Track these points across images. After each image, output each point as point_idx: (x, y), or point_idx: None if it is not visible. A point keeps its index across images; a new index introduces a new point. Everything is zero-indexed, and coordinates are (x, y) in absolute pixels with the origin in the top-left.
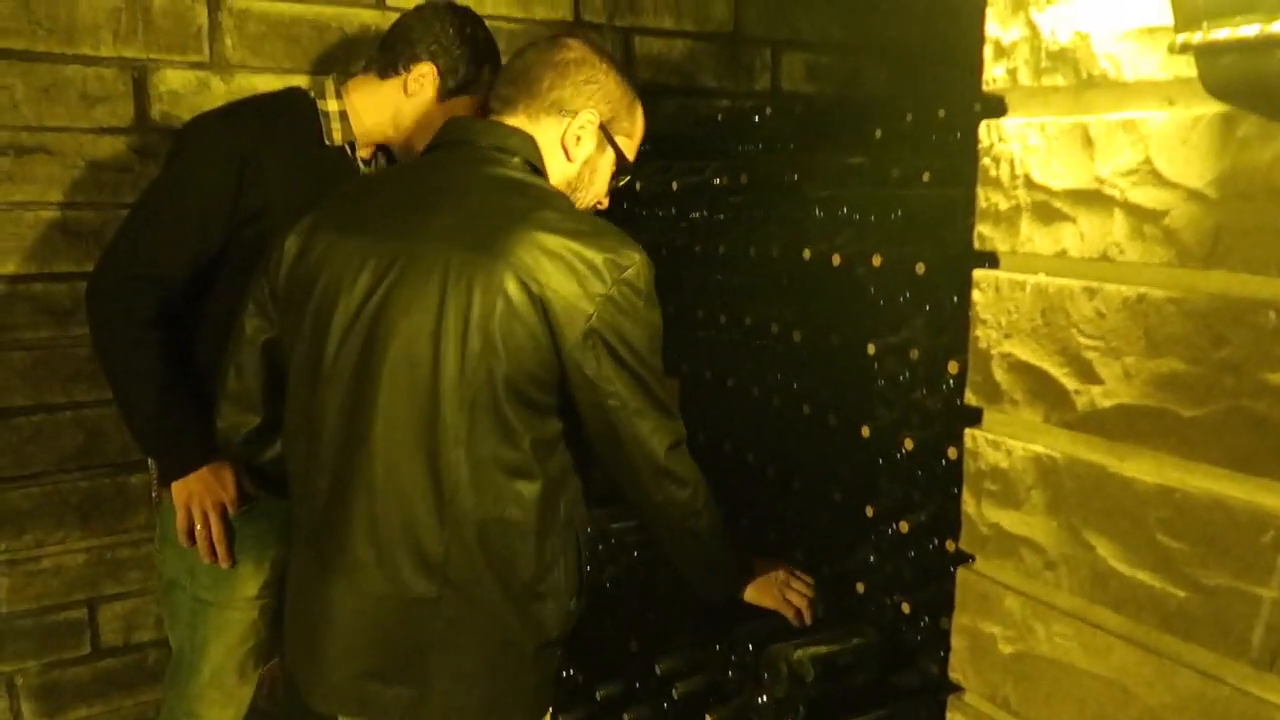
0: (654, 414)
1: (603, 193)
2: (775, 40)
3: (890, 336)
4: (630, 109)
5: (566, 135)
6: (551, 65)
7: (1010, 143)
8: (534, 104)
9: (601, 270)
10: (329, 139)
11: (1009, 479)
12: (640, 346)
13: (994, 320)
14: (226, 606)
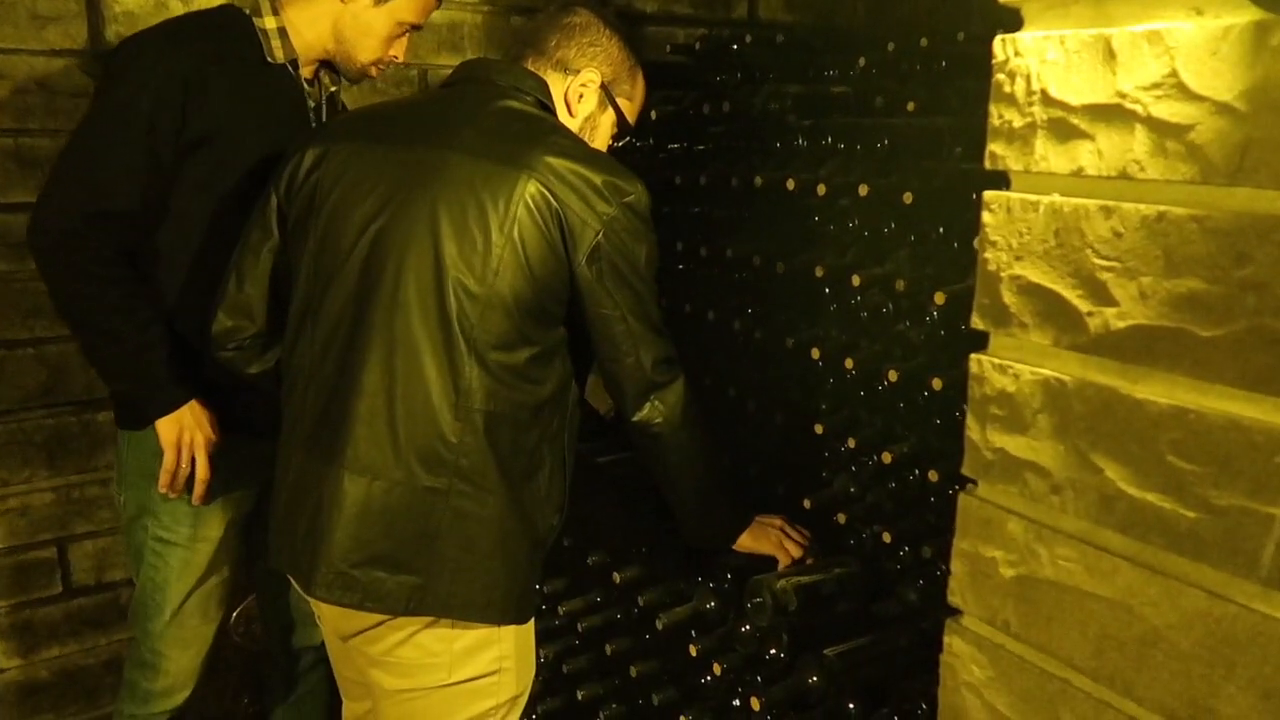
0: (648, 332)
1: (602, 149)
2: None
3: (875, 268)
4: (631, 74)
5: (569, 91)
6: (559, 28)
7: (1026, 57)
8: (541, 59)
9: (605, 192)
10: (270, 57)
11: (1015, 403)
12: (640, 265)
13: (1004, 242)
14: (188, 546)
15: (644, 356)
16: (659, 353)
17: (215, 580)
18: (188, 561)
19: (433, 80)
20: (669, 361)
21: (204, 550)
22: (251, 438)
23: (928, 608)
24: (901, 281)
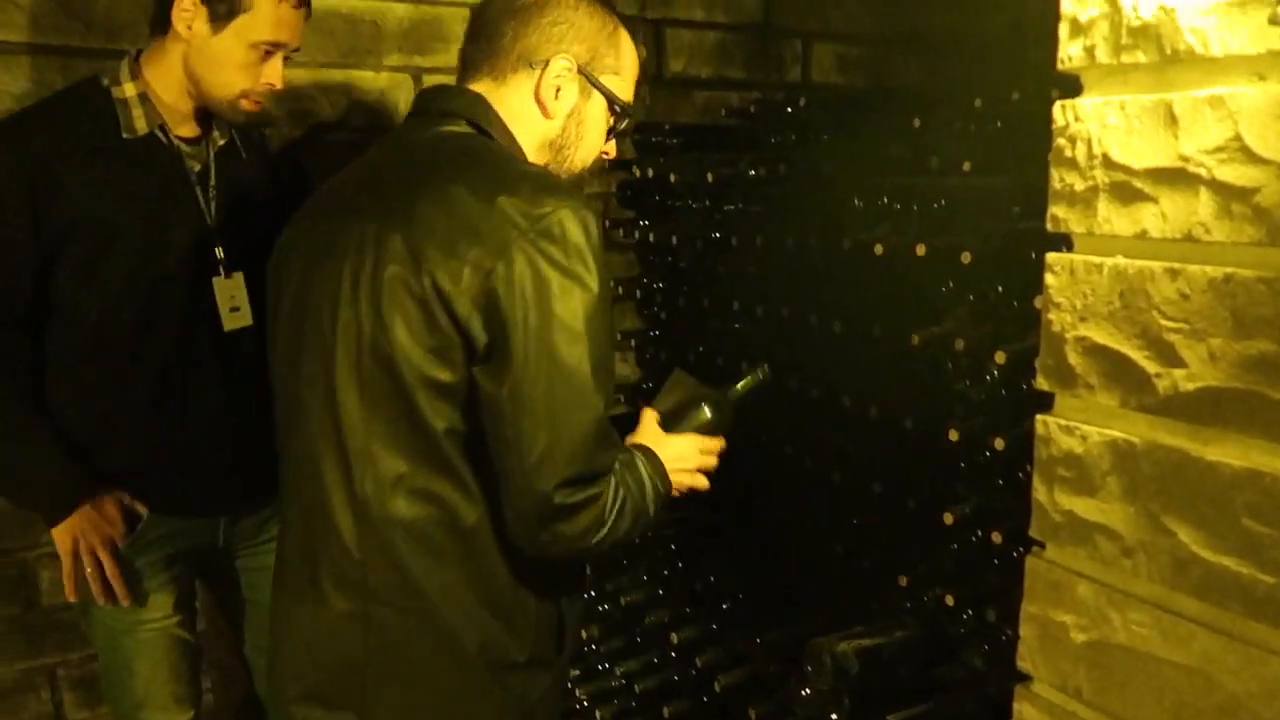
0: (574, 412)
1: (599, 144)
2: (806, 31)
3: (933, 327)
4: (612, 41)
5: (541, 89)
6: (512, 13)
7: (1087, 122)
8: (499, 62)
9: (505, 224)
10: (129, 131)
11: (1083, 465)
12: (560, 314)
13: (1068, 303)
14: (137, 631)
15: (543, 463)
16: (573, 467)
17: (179, 655)
18: (142, 643)
19: None
20: (588, 479)
21: (154, 632)
22: (180, 516)
23: (992, 673)
24: (961, 341)
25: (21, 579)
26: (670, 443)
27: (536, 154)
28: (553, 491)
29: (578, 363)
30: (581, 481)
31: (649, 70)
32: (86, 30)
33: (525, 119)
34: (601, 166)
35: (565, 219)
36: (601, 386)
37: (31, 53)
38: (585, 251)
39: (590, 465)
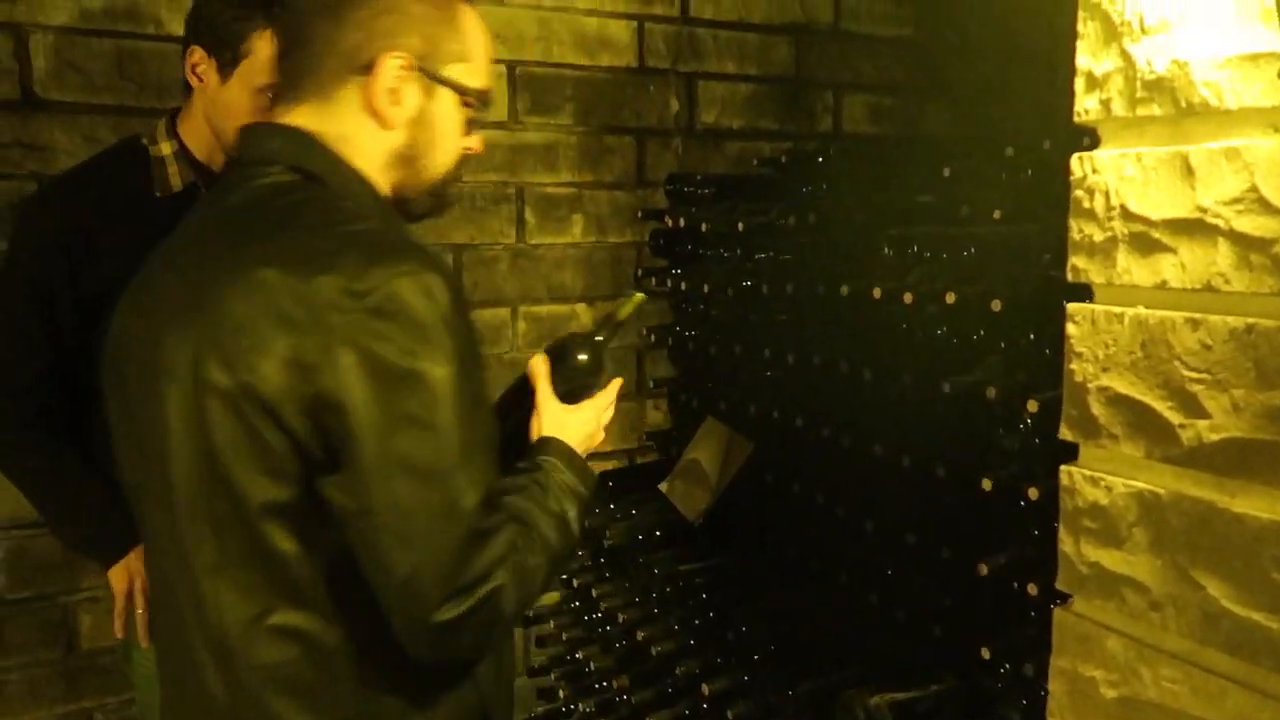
0: (436, 521)
1: (457, 145)
2: (837, 83)
3: (965, 375)
4: (450, 25)
5: (375, 99)
6: (324, 11)
7: (1104, 174)
8: (320, 75)
9: (325, 309)
10: (163, 189)
11: (1109, 516)
12: (405, 409)
13: (1090, 353)
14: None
15: (411, 586)
16: (452, 575)
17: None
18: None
19: (529, 199)
20: (470, 585)
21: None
22: None
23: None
24: (992, 389)
25: (62, 623)
26: (574, 425)
27: (384, 173)
28: (431, 615)
29: (434, 463)
30: (464, 591)
31: (682, 121)
32: (139, 90)
33: (361, 138)
34: (464, 163)
35: (399, 290)
36: (473, 478)
37: (89, 112)
38: (430, 326)
39: (470, 571)
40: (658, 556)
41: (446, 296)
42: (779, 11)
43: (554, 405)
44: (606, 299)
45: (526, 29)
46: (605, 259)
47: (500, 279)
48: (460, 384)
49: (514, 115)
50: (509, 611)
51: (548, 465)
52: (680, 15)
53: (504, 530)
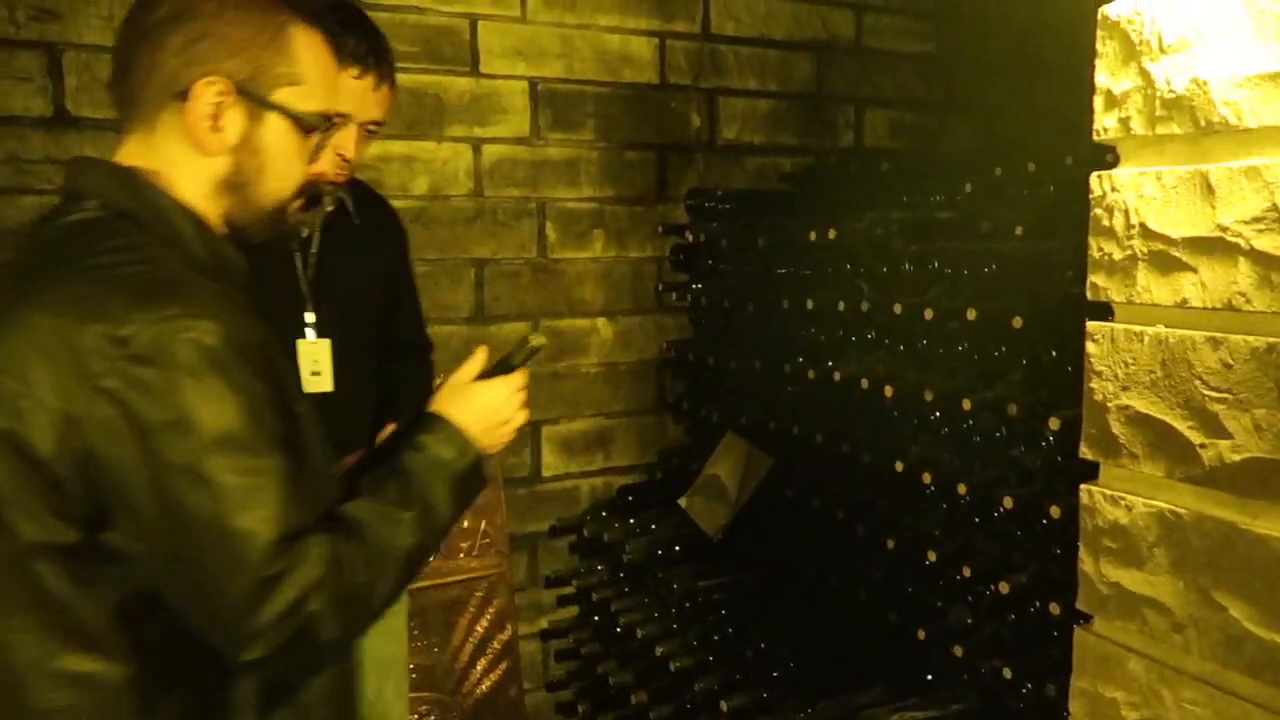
0: (219, 564)
1: (296, 170)
2: (858, 98)
3: (986, 392)
4: (278, 46)
5: (193, 127)
6: (143, 38)
7: (1124, 192)
8: (141, 104)
9: (88, 357)
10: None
11: (1130, 536)
12: (173, 459)
13: (1110, 372)
14: None
15: (215, 629)
16: (247, 595)
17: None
18: None
19: (550, 213)
20: (273, 625)
21: None
22: None
23: None
24: (1014, 406)
25: None
26: (475, 400)
27: (210, 202)
28: (241, 654)
29: (210, 514)
30: (268, 629)
31: (703, 137)
32: None
33: (183, 166)
34: (318, 192)
35: (160, 336)
36: (264, 517)
37: None
38: (194, 370)
39: (270, 609)
40: (677, 572)
41: (218, 339)
42: (800, 28)
43: (457, 380)
44: (627, 313)
45: (549, 46)
46: (626, 273)
47: (521, 293)
48: (238, 426)
49: (536, 131)
50: (332, 636)
51: (420, 443)
52: (701, 32)
53: (312, 558)
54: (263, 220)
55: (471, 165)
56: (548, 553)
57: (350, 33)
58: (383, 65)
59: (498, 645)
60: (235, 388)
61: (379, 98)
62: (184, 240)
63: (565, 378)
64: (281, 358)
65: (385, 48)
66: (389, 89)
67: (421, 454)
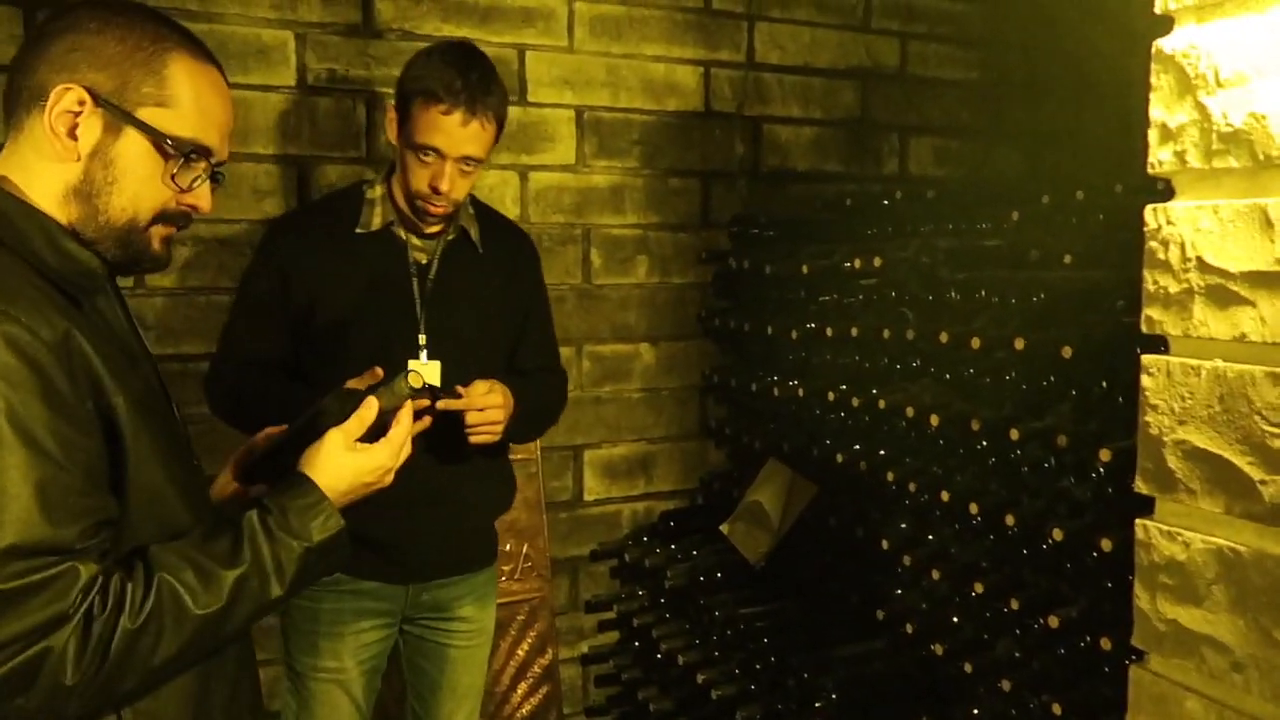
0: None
1: (151, 192)
2: (903, 126)
3: (1034, 422)
4: (151, 68)
5: (47, 129)
6: (33, 44)
7: (1180, 225)
8: (16, 108)
9: None
10: (364, 226)
11: (1187, 573)
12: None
13: (1166, 406)
14: (311, 677)
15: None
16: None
17: (345, 710)
18: (312, 692)
19: (595, 240)
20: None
21: (324, 681)
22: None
23: None
24: (1063, 437)
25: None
26: (347, 464)
27: (62, 207)
28: None
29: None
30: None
31: (746, 164)
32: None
33: (38, 168)
34: (183, 223)
35: None
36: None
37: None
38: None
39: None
40: (718, 598)
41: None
42: (844, 56)
43: (338, 441)
44: (669, 339)
45: (595, 75)
46: (669, 299)
47: (566, 318)
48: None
49: (581, 159)
50: (74, 682)
51: (279, 506)
52: (746, 60)
53: (63, 583)
54: (112, 237)
55: (518, 192)
56: (589, 577)
57: (445, 70)
58: (474, 103)
59: (538, 669)
60: (13, 389)
61: (468, 134)
62: (23, 237)
63: (607, 402)
64: (95, 356)
65: (482, 85)
66: (481, 125)
67: (274, 520)
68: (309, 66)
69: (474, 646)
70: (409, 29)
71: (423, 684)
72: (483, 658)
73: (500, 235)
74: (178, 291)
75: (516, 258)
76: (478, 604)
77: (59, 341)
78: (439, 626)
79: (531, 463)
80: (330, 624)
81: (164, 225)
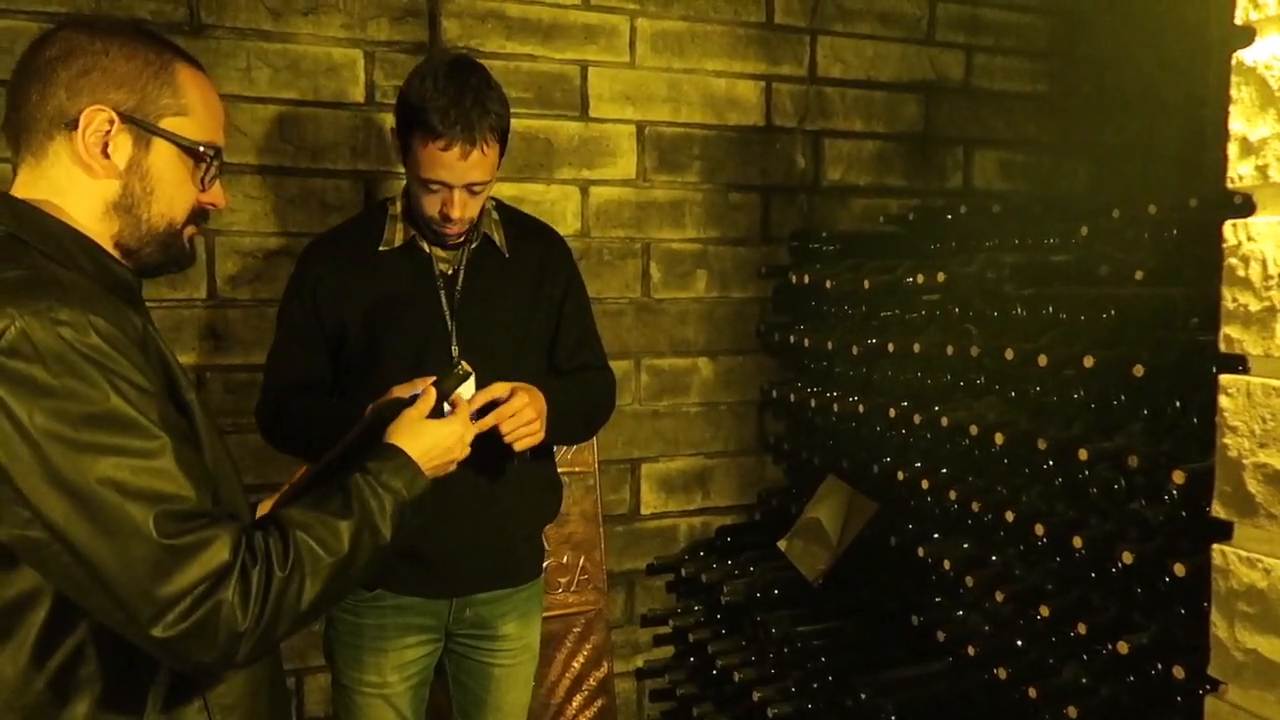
0: (116, 543)
1: (185, 195)
2: (968, 139)
3: (1104, 442)
4: (164, 80)
5: (83, 152)
6: (33, 74)
7: (1261, 242)
8: (32, 135)
9: None
10: (387, 244)
11: (1268, 601)
12: (59, 433)
13: (1245, 428)
14: (356, 691)
15: (119, 610)
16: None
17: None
18: (358, 705)
19: (655, 254)
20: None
21: (368, 695)
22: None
23: None
24: (1135, 458)
25: (292, 693)
26: (427, 434)
27: (103, 223)
28: (149, 628)
29: (104, 491)
30: (174, 603)
31: (808, 179)
32: (296, 152)
33: (75, 190)
34: (204, 220)
35: (31, 329)
36: (157, 493)
37: (251, 172)
38: (73, 361)
39: (175, 585)
40: (776, 615)
41: (91, 330)
42: (908, 69)
43: (412, 416)
44: (728, 353)
45: (656, 90)
46: (728, 314)
47: (625, 332)
48: (121, 410)
49: (642, 173)
50: (244, 628)
51: (371, 469)
52: (808, 75)
53: (219, 542)
54: (155, 242)
55: (579, 206)
56: (645, 591)
57: (438, 99)
58: (470, 131)
59: (594, 682)
60: (113, 374)
61: (470, 164)
62: (70, 256)
63: (665, 416)
64: (168, 352)
65: (478, 108)
66: (481, 152)
67: (371, 478)
68: (377, 84)
69: (518, 664)
70: (474, 46)
71: (468, 701)
72: (528, 675)
73: (527, 236)
74: (249, 303)
75: (545, 258)
76: (521, 621)
77: (140, 337)
78: (482, 645)
79: (589, 475)
80: (374, 639)
81: (192, 225)
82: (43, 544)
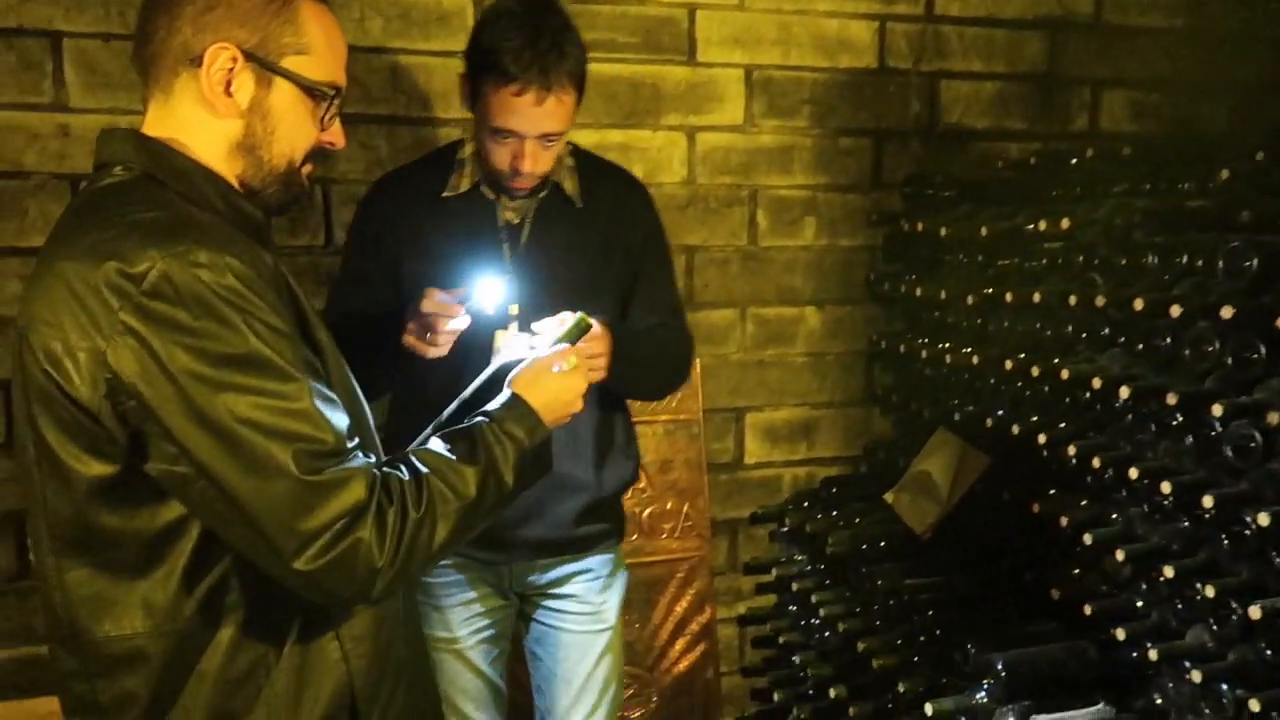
0: (258, 480)
1: (305, 135)
2: (1095, 79)
3: (1241, 397)
4: (286, 17)
5: (207, 90)
6: (159, 8)
7: None
8: (160, 72)
9: (108, 294)
10: (452, 189)
11: None
12: (202, 374)
13: None
14: (429, 647)
15: (262, 545)
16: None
17: (464, 679)
18: (432, 664)
19: (762, 201)
20: (319, 531)
21: (440, 652)
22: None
23: None
24: (1275, 414)
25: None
26: (548, 383)
27: (227, 163)
28: (291, 561)
29: (245, 428)
30: (313, 540)
31: (922, 122)
32: (409, 101)
33: (200, 128)
34: (322, 159)
35: (170, 270)
36: (297, 431)
37: (366, 122)
38: (206, 300)
39: (317, 520)
40: (881, 568)
41: (229, 271)
42: (1033, 5)
43: (538, 365)
44: (836, 303)
45: (765, 32)
46: (836, 262)
47: (730, 280)
48: (259, 350)
49: (750, 119)
50: (380, 564)
51: (495, 415)
52: (925, 13)
53: (357, 479)
54: (278, 182)
55: (685, 153)
56: (748, 539)
57: (512, 39)
58: (547, 76)
59: (696, 627)
60: (250, 316)
61: (545, 112)
62: (204, 195)
63: (770, 366)
64: (299, 292)
65: (555, 51)
66: (558, 100)
67: (495, 425)
68: None
69: (589, 633)
70: None
71: (540, 676)
72: (602, 648)
73: (604, 185)
74: None
75: (622, 209)
76: (591, 585)
77: (273, 277)
78: (550, 607)
79: (694, 423)
80: (440, 597)
81: (310, 163)
82: (190, 479)
